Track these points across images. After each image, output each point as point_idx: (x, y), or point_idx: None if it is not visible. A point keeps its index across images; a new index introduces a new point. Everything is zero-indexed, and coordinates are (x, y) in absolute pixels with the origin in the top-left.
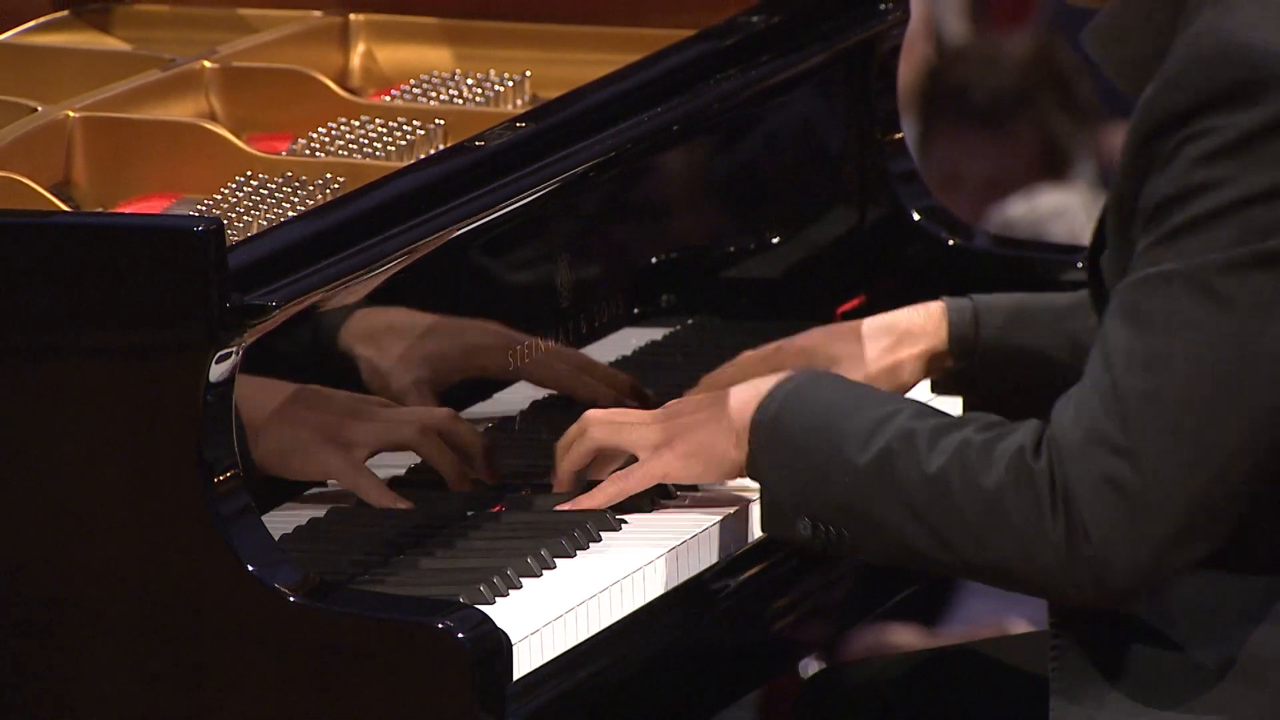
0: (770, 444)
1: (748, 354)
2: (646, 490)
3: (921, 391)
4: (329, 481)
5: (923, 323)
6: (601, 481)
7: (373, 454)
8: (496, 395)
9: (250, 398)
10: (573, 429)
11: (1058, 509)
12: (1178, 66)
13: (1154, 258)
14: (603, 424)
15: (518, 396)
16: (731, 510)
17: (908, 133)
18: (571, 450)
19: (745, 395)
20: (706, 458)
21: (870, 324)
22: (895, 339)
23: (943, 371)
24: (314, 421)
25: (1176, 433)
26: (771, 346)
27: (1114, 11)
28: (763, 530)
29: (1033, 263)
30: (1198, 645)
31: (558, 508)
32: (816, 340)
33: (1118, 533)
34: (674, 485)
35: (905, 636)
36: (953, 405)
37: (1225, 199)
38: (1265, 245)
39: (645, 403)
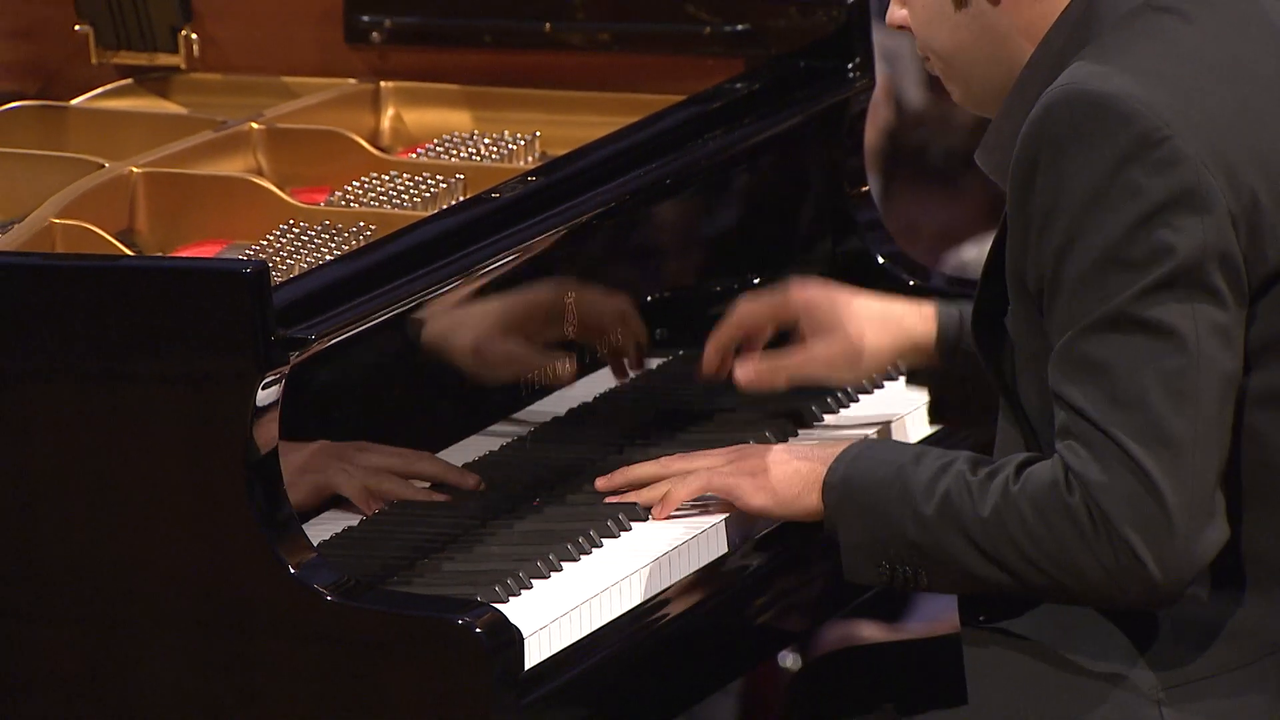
0: (843, 501)
1: (746, 304)
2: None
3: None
4: None
5: (917, 322)
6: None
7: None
8: (514, 414)
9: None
10: (649, 468)
11: (1099, 533)
12: (1031, 123)
13: (1075, 314)
14: (685, 468)
15: (528, 417)
16: (716, 520)
17: (872, 186)
18: (684, 487)
19: (815, 455)
20: (777, 496)
21: (872, 308)
22: (890, 329)
23: (923, 366)
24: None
25: (1163, 442)
26: (775, 299)
27: (994, 128)
28: (845, 577)
29: None
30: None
31: (656, 514)
32: (823, 301)
33: (1154, 541)
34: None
35: (871, 631)
36: (922, 396)
37: (1108, 239)
38: (1159, 272)
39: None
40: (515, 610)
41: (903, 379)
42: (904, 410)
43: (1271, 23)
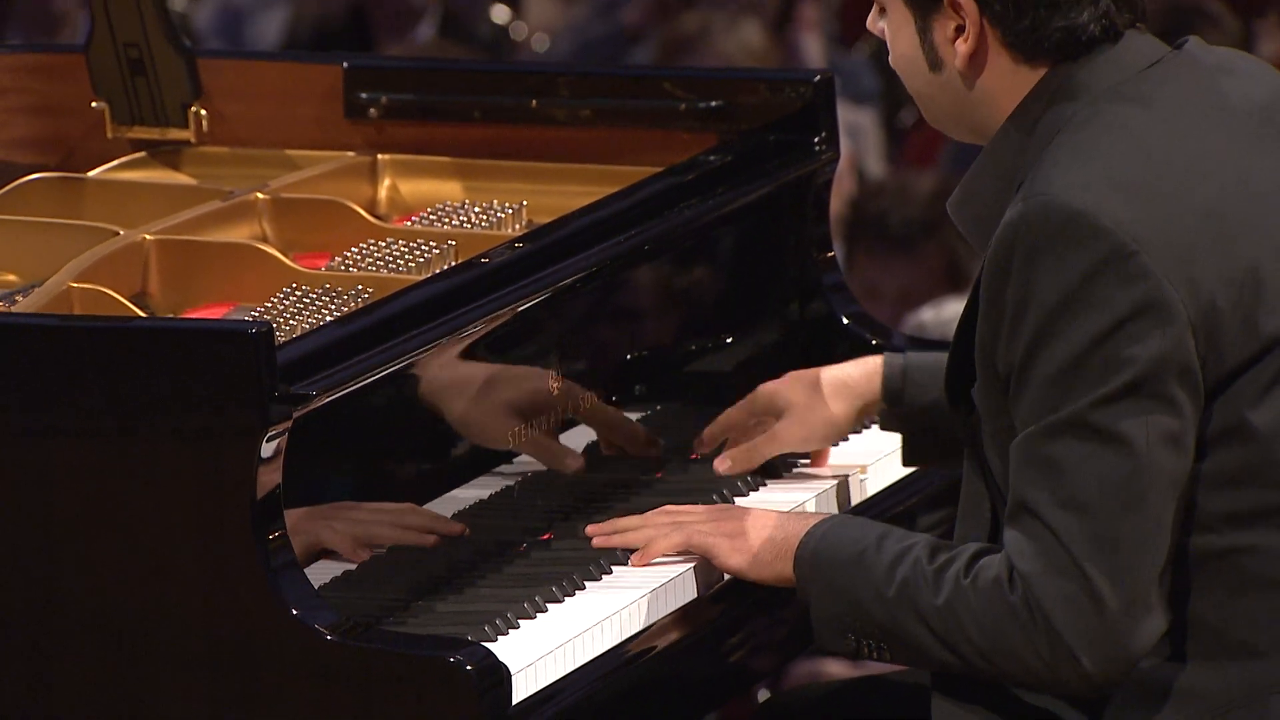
0: (813, 575)
1: (726, 413)
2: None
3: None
4: None
5: (861, 379)
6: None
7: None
8: (499, 467)
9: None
10: (634, 521)
11: (1038, 629)
12: (1007, 228)
13: (1037, 412)
14: (670, 523)
15: (516, 468)
16: (691, 564)
17: (837, 252)
18: (665, 540)
19: (791, 527)
20: (753, 559)
21: (825, 378)
22: (839, 394)
23: (883, 415)
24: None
25: (1106, 546)
26: (747, 405)
27: (966, 183)
28: (816, 642)
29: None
30: None
31: (633, 561)
32: (783, 390)
33: (1089, 639)
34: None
35: (836, 667)
36: (894, 442)
37: (1074, 348)
38: (1117, 381)
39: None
40: (503, 649)
41: (875, 426)
42: (870, 460)
43: (1225, 104)
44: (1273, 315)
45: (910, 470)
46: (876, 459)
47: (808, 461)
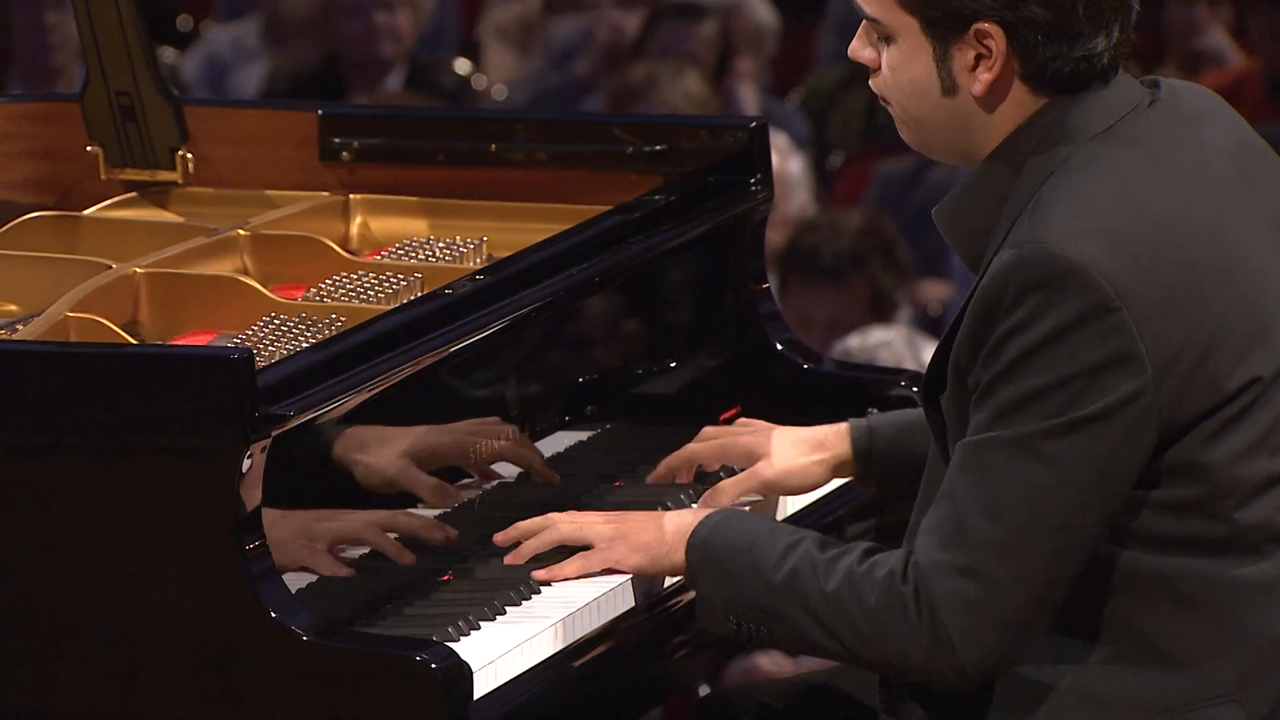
0: (703, 560)
1: (697, 445)
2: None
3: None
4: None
5: (832, 439)
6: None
7: (331, 545)
8: (464, 479)
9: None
10: (538, 521)
11: (924, 621)
12: (1004, 267)
13: (989, 424)
14: (568, 522)
15: (477, 482)
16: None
17: (772, 283)
18: (539, 538)
19: (683, 519)
20: (649, 554)
21: (798, 435)
22: (812, 449)
23: (853, 474)
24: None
25: (1012, 559)
26: (726, 439)
27: (957, 194)
28: (698, 624)
29: (866, 382)
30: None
31: (536, 576)
32: (760, 439)
33: (973, 638)
34: None
35: (770, 665)
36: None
37: (1041, 382)
38: (1071, 416)
39: (549, 479)
40: (465, 648)
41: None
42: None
43: (1203, 154)
44: (1231, 369)
45: (838, 483)
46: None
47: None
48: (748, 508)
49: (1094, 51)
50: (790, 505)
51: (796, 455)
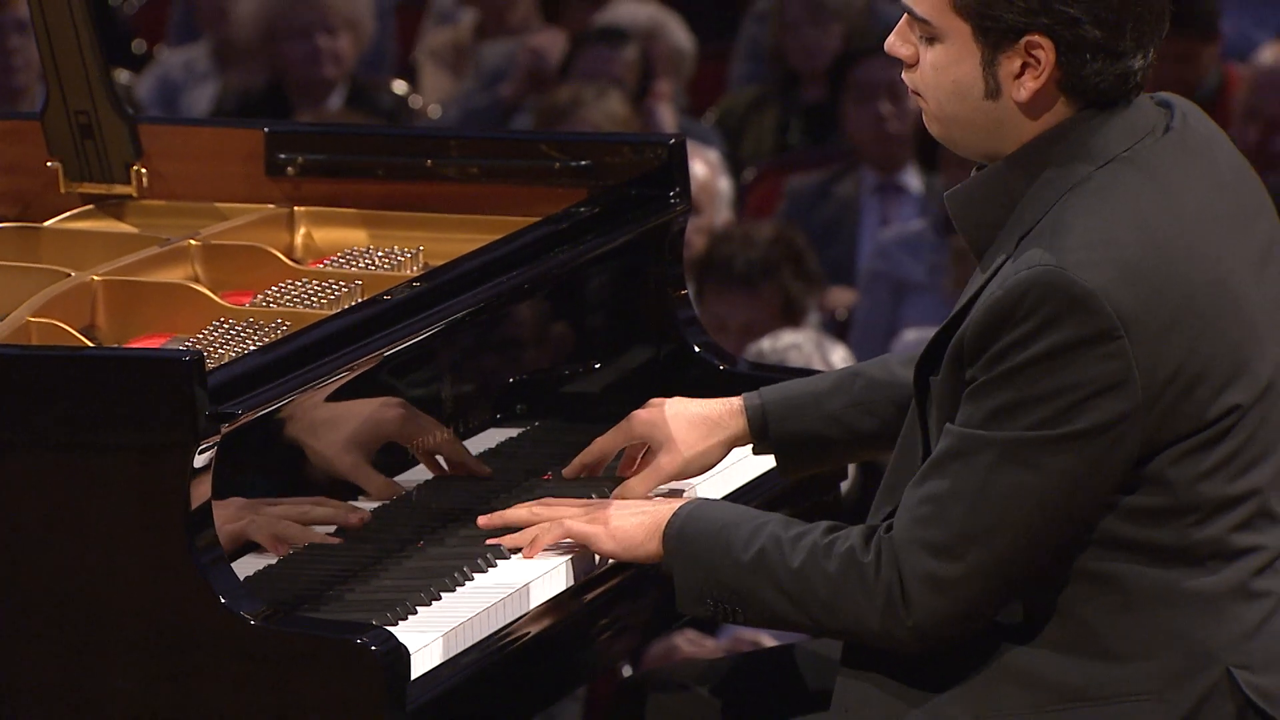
0: (678, 548)
1: (601, 440)
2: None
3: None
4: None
5: (727, 417)
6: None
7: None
8: (398, 476)
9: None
10: (543, 510)
11: (880, 589)
12: (1020, 284)
13: (983, 422)
14: (576, 521)
15: (415, 476)
16: (569, 556)
17: (690, 290)
18: (548, 534)
19: (659, 510)
20: (622, 541)
21: (695, 413)
22: (708, 429)
23: (755, 448)
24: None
25: (984, 550)
26: (624, 421)
27: (972, 184)
28: (678, 609)
29: (777, 381)
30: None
31: (507, 544)
32: (654, 420)
33: (931, 611)
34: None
35: (688, 646)
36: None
37: (1038, 392)
38: (1062, 430)
39: (478, 473)
40: (403, 631)
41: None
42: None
43: (1211, 186)
44: (1214, 398)
45: (750, 478)
46: (719, 470)
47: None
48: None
49: (1131, 69)
50: (702, 492)
51: (695, 440)
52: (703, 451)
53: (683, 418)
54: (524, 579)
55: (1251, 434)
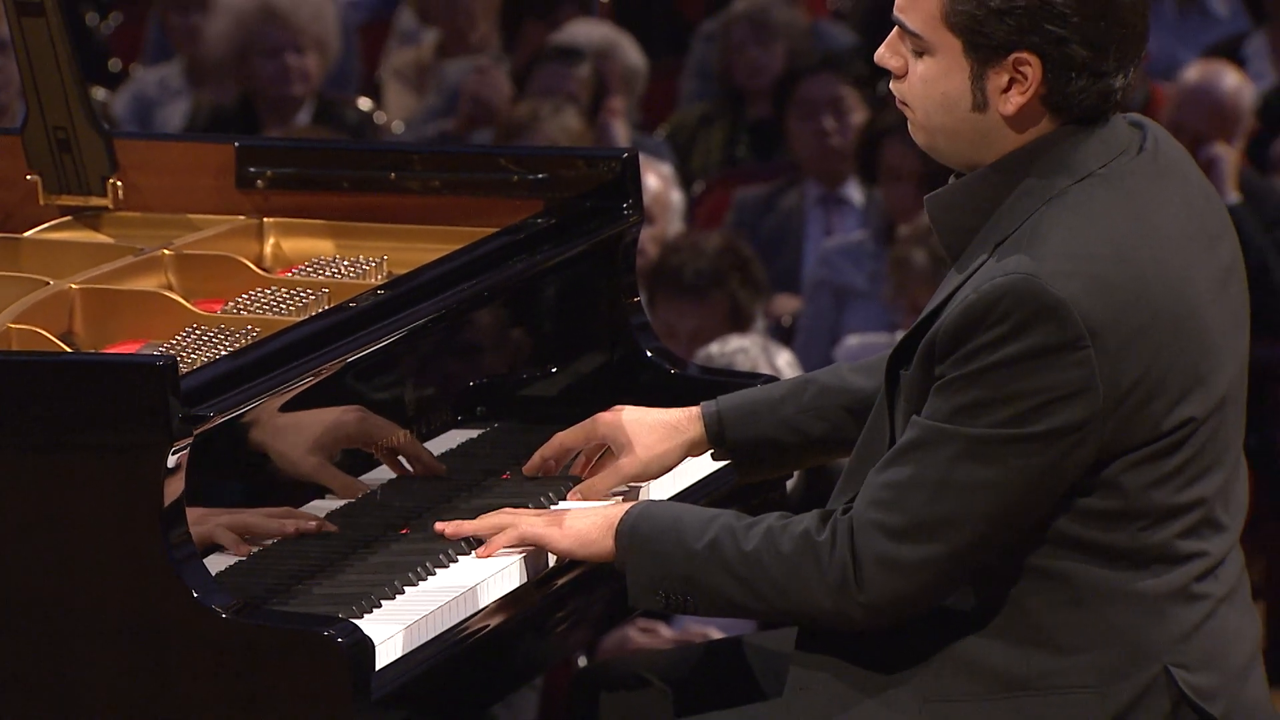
0: (631, 544)
1: (561, 435)
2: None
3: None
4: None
5: (685, 423)
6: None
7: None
8: (363, 476)
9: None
10: (504, 518)
11: (834, 567)
12: (996, 289)
13: (949, 416)
14: (532, 524)
15: (379, 475)
16: (525, 553)
17: (642, 298)
18: (504, 535)
19: (611, 510)
20: (577, 539)
21: (655, 419)
22: (667, 434)
23: (713, 453)
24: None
25: (939, 537)
26: (587, 422)
27: (952, 190)
28: (630, 603)
29: (725, 385)
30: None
31: (479, 552)
32: (617, 423)
33: (887, 590)
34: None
35: (640, 637)
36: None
37: (1004, 393)
38: (1023, 430)
39: (437, 472)
40: (368, 624)
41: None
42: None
43: (1180, 207)
44: (1170, 410)
45: (700, 477)
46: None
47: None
48: (620, 499)
49: (1113, 88)
50: (655, 492)
51: (654, 443)
52: (661, 454)
53: (643, 423)
54: (483, 574)
55: (1202, 446)
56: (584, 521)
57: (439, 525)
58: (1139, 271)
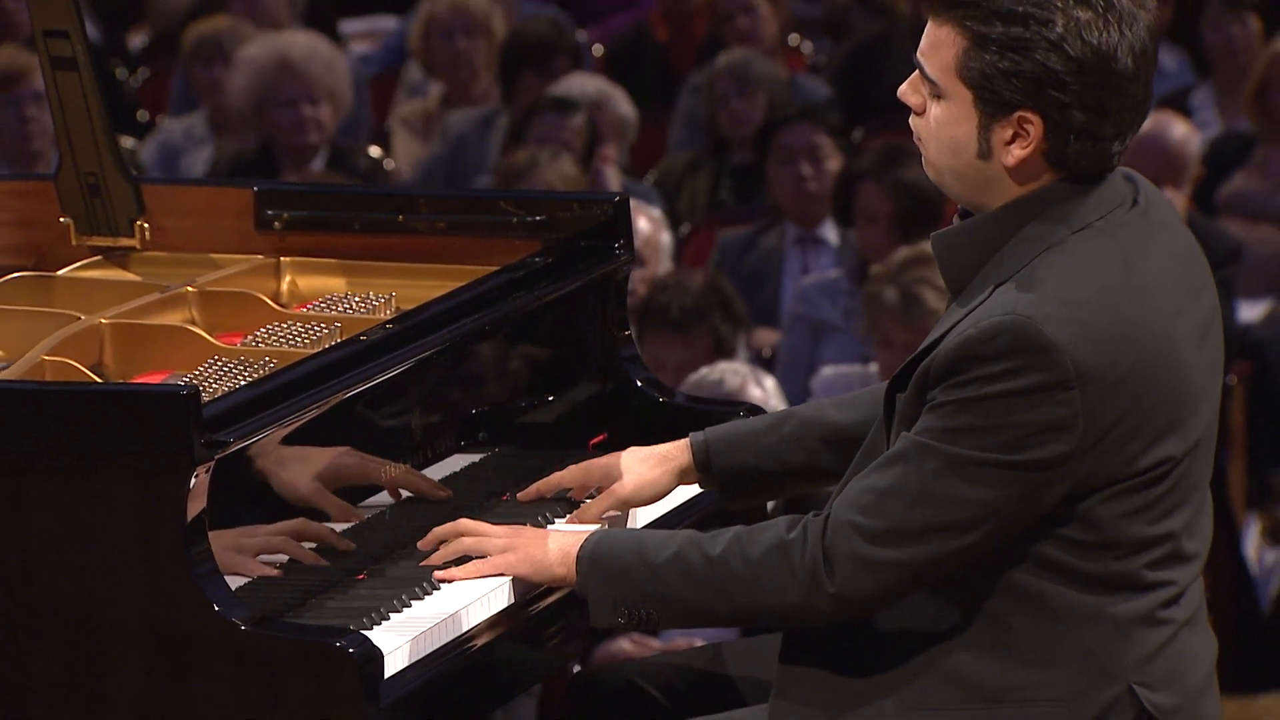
0: (591, 567)
1: (559, 474)
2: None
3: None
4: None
5: (675, 451)
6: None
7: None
8: (369, 499)
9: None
10: (449, 528)
11: (806, 563)
12: (995, 326)
13: (938, 435)
14: (471, 535)
15: (383, 500)
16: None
17: (632, 331)
18: (447, 547)
19: (567, 539)
20: (534, 565)
21: (645, 452)
22: (658, 463)
23: (696, 481)
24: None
25: (914, 544)
26: (584, 464)
27: (958, 230)
28: (591, 624)
29: (711, 413)
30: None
31: (437, 575)
32: (612, 461)
33: (858, 587)
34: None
35: (630, 646)
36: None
37: (992, 422)
38: (1005, 457)
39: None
40: (378, 635)
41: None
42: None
43: (1168, 261)
44: (1145, 450)
45: (682, 501)
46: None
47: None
48: (606, 524)
49: (1110, 151)
50: (642, 518)
51: (645, 470)
52: (653, 480)
53: (635, 455)
54: (482, 591)
55: (1175, 484)
56: (540, 550)
57: (421, 542)
58: (1127, 320)
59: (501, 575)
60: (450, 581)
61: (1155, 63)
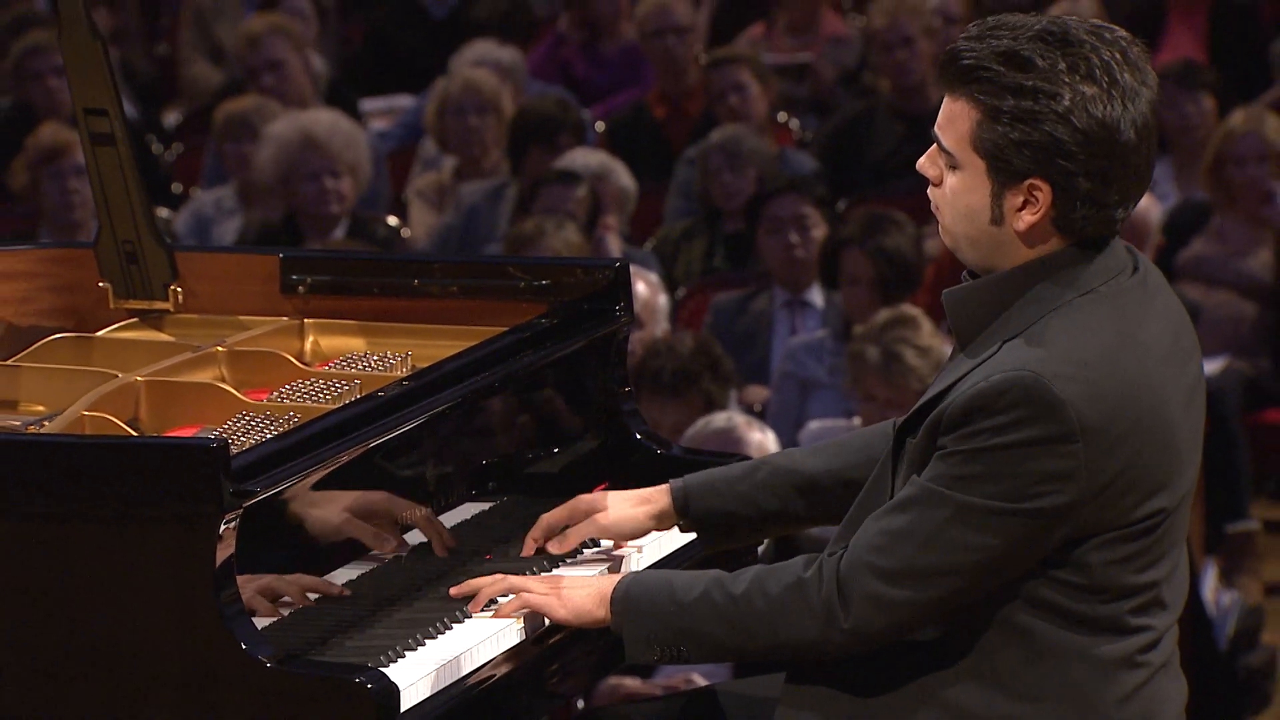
0: (625, 609)
1: (547, 517)
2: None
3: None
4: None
5: (655, 494)
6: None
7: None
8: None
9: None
10: (488, 579)
11: (822, 600)
12: (1006, 380)
13: (948, 482)
14: (541, 596)
15: (407, 541)
16: (527, 613)
17: (632, 389)
18: (491, 587)
19: (603, 582)
20: (572, 607)
21: (629, 492)
22: (639, 503)
23: (674, 524)
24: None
25: (922, 584)
26: (570, 501)
27: (970, 288)
28: (628, 660)
29: (706, 462)
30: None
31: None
32: (598, 497)
33: (871, 623)
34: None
35: (632, 683)
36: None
37: (999, 471)
38: (1011, 505)
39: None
40: (394, 671)
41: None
42: (645, 541)
43: (1163, 328)
44: (1140, 504)
45: (676, 546)
46: (651, 539)
47: (600, 545)
48: (604, 569)
49: (1115, 218)
50: (635, 564)
51: (627, 508)
52: (630, 516)
53: (618, 495)
54: (491, 630)
55: (1162, 536)
56: (580, 594)
57: (452, 590)
58: (1128, 380)
59: (546, 615)
60: (466, 618)
61: (1157, 135)
